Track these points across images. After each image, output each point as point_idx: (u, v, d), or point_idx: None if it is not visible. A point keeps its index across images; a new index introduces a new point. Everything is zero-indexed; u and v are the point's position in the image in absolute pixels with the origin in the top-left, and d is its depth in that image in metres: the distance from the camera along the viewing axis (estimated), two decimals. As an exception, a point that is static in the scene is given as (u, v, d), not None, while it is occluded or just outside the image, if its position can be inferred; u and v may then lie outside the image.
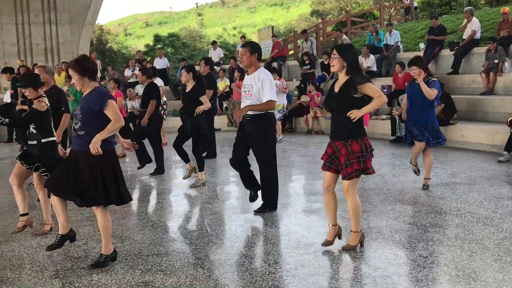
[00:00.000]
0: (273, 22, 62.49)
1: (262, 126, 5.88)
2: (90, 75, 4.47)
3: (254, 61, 5.94)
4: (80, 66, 4.43)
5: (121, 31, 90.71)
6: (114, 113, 4.38)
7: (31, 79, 5.63)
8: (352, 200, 4.61)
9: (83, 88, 4.49)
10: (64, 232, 4.71)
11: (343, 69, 4.60)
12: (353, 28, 22.80)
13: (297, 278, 4.07)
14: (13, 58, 20.62)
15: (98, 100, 4.38)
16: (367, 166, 4.59)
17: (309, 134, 13.75)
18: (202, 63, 10.06)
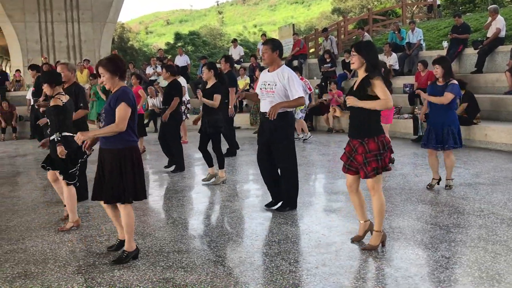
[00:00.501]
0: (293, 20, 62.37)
1: (280, 124, 5.85)
2: (121, 74, 4.53)
3: (275, 58, 5.92)
4: (112, 65, 4.48)
5: (142, 29, 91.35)
6: (119, 116, 4.37)
7: (49, 76, 5.71)
8: (378, 199, 4.60)
9: (112, 87, 4.53)
10: (122, 238, 4.77)
11: (362, 66, 4.58)
12: (374, 26, 22.64)
13: (317, 277, 4.05)
14: (36, 56, 20.88)
15: (116, 99, 4.43)
16: (385, 164, 4.58)
17: (330, 132, 13.69)
18: (222, 61, 10.09)
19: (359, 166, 4.60)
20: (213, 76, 7.73)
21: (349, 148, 4.70)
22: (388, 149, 4.61)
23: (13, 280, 4.24)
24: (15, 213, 6.46)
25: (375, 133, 4.56)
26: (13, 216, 6.32)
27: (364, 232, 4.84)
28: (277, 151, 5.98)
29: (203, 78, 8.08)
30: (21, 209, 6.68)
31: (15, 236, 5.47)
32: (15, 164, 10.91)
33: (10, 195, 7.60)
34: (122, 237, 4.74)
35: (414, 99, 12.91)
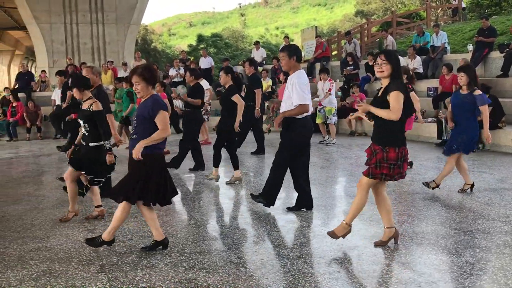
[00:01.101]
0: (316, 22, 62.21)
1: (285, 130, 5.98)
2: (154, 83, 4.68)
3: (293, 64, 5.92)
4: (148, 74, 4.57)
5: (165, 31, 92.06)
6: (162, 123, 4.54)
7: (77, 81, 5.80)
8: (361, 195, 4.73)
9: (145, 95, 4.62)
10: (159, 239, 4.86)
11: (389, 75, 4.58)
12: (398, 29, 22.48)
13: (340, 281, 4.03)
14: (61, 57, 21.19)
15: (151, 108, 4.54)
16: (395, 173, 4.60)
17: (352, 135, 13.61)
18: (247, 64, 10.16)
19: (368, 165, 4.65)
20: (230, 80, 7.80)
21: (369, 151, 4.72)
22: (404, 161, 4.60)
23: (38, 278, 4.30)
24: (40, 212, 6.56)
25: (399, 143, 4.57)
26: (38, 215, 6.42)
27: (389, 238, 4.81)
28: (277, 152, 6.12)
29: (221, 82, 8.16)
30: (46, 208, 6.77)
31: (40, 234, 5.55)
32: (39, 163, 11.08)
33: (35, 194, 7.72)
34: (157, 237, 4.85)
35: (438, 103, 12.77)
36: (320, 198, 6.76)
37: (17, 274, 4.39)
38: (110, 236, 4.80)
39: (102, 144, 5.74)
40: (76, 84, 5.72)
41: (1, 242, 5.31)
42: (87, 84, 5.85)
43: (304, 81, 5.89)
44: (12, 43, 42.49)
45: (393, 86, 4.48)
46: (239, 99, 7.67)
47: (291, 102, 5.85)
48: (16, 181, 8.91)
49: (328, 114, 12.17)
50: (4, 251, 5.01)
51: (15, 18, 30.92)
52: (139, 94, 4.61)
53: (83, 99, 5.72)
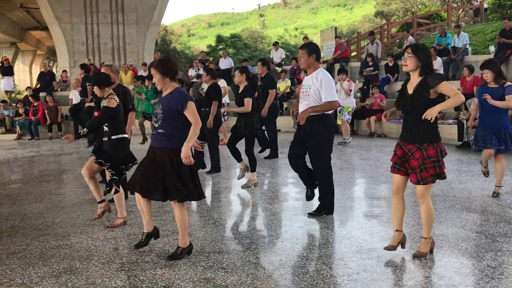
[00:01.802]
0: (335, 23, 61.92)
1: (318, 127, 5.83)
2: (172, 76, 4.64)
3: (312, 62, 5.89)
4: (163, 66, 4.59)
5: (185, 31, 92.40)
6: (193, 115, 4.53)
7: (99, 78, 5.84)
8: (426, 206, 4.49)
9: (164, 88, 4.64)
10: (149, 230, 4.86)
11: (417, 69, 4.46)
12: (418, 30, 22.30)
13: (359, 283, 4.01)
14: (82, 57, 21.39)
15: (179, 101, 4.52)
16: (442, 171, 4.47)
17: (371, 137, 13.53)
18: (259, 64, 10.04)
19: (412, 170, 4.47)
20: (244, 80, 7.77)
21: (402, 152, 4.55)
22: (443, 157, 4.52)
23: (59, 275, 4.35)
24: (61, 210, 6.64)
25: (436, 139, 4.46)
26: (59, 213, 6.50)
27: (398, 243, 4.67)
28: (312, 154, 5.97)
29: (235, 81, 8.13)
30: (67, 206, 6.86)
31: (61, 232, 5.62)
32: (60, 162, 11.21)
33: (56, 192, 7.82)
34: (148, 229, 4.83)
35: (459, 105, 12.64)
36: (339, 200, 6.73)
37: (39, 271, 4.45)
38: (185, 241, 4.72)
39: (125, 136, 5.76)
40: (97, 81, 5.77)
41: (23, 240, 5.39)
42: (108, 81, 5.90)
43: (331, 77, 5.91)
44: (34, 43, 43.04)
45: (435, 79, 4.34)
46: (249, 104, 7.61)
47: (316, 99, 5.79)
48: (37, 180, 9.03)
49: (344, 111, 12.18)
50: (26, 248, 5.08)
51: (37, 18, 31.33)
52: (158, 86, 4.65)
53: (104, 96, 5.77)
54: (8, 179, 9.36)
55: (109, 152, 5.71)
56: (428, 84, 4.36)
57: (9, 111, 17.91)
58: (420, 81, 4.43)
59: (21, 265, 4.62)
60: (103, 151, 5.77)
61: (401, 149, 4.57)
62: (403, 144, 4.56)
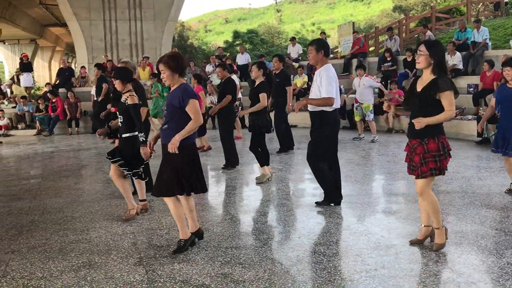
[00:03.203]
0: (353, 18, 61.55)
1: (316, 123, 5.94)
2: (181, 72, 4.64)
3: (321, 58, 5.90)
4: (173, 62, 4.58)
5: (202, 27, 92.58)
6: (194, 112, 4.53)
7: (121, 73, 5.90)
8: (428, 199, 4.53)
9: (172, 84, 4.65)
10: (192, 230, 4.90)
11: (429, 66, 4.42)
12: (437, 25, 22.05)
13: (376, 279, 3.99)
14: (100, 53, 21.53)
15: (181, 97, 4.53)
16: (443, 166, 4.45)
17: (389, 133, 13.43)
18: (275, 59, 9.99)
19: (416, 166, 4.50)
20: (261, 76, 7.73)
21: (408, 149, 4.62)
22: (447, 153, 4.47)
23: (78, 269, 4.40)
24: (80, 205, 6.71)
25: (436, 133, 4.42)
26: (78, 207, 6.57)
27: (425, 237, 4.73)
28: (309, 148, 6.10)
29: (252, 76, 8.07)
30: (86, 201, 6.93)
31: (80, 227, 5.68)
32: (79, 157, 11.32)
33: (75, 187, 7.90)
34: (192, 229, 4.89)
35: (478, 100, 12.49)
36: (356, 196, 6.71)
37: (58, 265, 4.50)
38: (185, 234, 4.76)
39: (136, 135, 5.77)
40: (119, 76, 5.83)
41: (43, 234, 5.46)
42: (130, 77, 5.95)
43: (332, 74, 5.86)
44: (52, 40, 43.52)
45: (444, 85, 4.30)
46: (264, 100, 7.58)
47: (317, 94, 5.86)
48: (57, 175, 9.14)
49: (365, 111, 12.02)
50: (46, 243, 5.15)
51: (56, 15, 31.68)
52: (166, 82, 4.64)
53: (123, 91, 5.82)
54: (28, 174, 9.48)
55: (120, 148, 5.79)
56: (438, 86, 4.34)
57: (29, 107, 18.13)
58: (431, 80, 4.39)
59: (41, 259, 4.68)
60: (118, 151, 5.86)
61: (408, 146, 4.62)
62: (409, 141, 4.60)
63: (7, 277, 4.28)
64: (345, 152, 10.37)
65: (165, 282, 4.05)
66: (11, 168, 10.22)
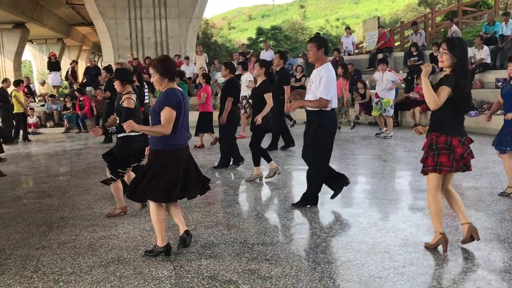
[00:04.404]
0: (378, 13, 60.94)
1: (315, 123, 5.84)
2: (171, 76, 4.48)
3: (320, 56, 5.83)
4: (162, 66, 4.44)
5: (225, 24, 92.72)
6: (164, 119, 4.33)
7: (120, 73, 5.92)
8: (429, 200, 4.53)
9: (161, 88, 4.51)
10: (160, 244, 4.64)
11: (452, 66, 4.35)
12: (464, 18, 21.67)
13: (405, 277, 3.96)
14: (126, 52, 21.75)
15: (160, 102, 4.40)
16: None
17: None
18: (277, 56, 9.76)
19: None
20: (263, 74, 7.54)
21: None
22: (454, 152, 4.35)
23: (107, 264, 4.47)
24: (108, 201, 6.80)
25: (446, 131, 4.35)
26: (106, 204, 6.66)
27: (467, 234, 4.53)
28: (306, 149, 6.04)
29: (253, 74, 7.90)
30: (114, 197, 7.00)
31: (109, 223, 5.76)
32: (107, 154, 11.45)
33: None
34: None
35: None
36: (383, 192, 6.66)
37: (88, 261, 4.58)
38: (161, 241, 4.59)
39: (131, 135, 5.75)
40: (119, 76, 5.85)
41: (72, 230, 5.56)
42: (130, 78, 5.95)
43: (333, 76, 5.79)
44: (79, 39, 44.10)
45: (445, 81, 4.29)
46: (271, 99, 7.43)
47: (314, 94, 5.78)
48: (85, 172, 9.28)
49: (385, 106, 11.90)
50: (76, 239, 5.24)
51: (82, 14, 32.07)
52: (155, 86, 4.51)
53: (123, 92, 5.83)
54: (57, 171, 9.64)
55: (114, 149, 5.83)
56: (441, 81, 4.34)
57: (57, 105, 18.43)
58: (444, 75, 4.38)
59: (71, 254, 4.76)
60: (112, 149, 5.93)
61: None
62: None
63: (38, 272, 4.37)
64: (371, 148, 10.30)
65: (192, 278, 4.09)
66: (40, 166, 10.41)
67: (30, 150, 13.13)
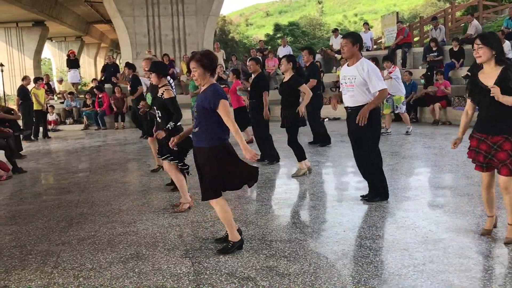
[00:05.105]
0: (396, 8, 60.38)
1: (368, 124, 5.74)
2: (213, 71, 4.45)
3: (355, 52, 5.81)
4: (206, 60, 4.40)
5: (243, 21, 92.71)
6: (225, 113, 4.32)
7: (157, 66, 6.00)
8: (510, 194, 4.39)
9: (202, 83, 4.46)
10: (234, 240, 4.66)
11: (491, 58, 4.31)
12: (485, 13, 21.37)
13: (425, 274, 3.91)
14: (144, 49, 21.87)
15: (211, 98, 4.34)
16: None
17: (436, 125, 13.13)
18: (306, 52, 9.72)
19: (502, 163, 4.33)
20: (291, 69, 7.52)
21: (487, 147, 4.40)
22: None
23: (126, 260, 4.49)
24: (127, 198, 6.84)
25: None
26: (125, 200, 6.70)
27: (492, 226, 4.69)
28: (359, 143, 5.97)
29: (281, 70, 7.88)
30: (133, 194, 7.06)
31: (128, 219, 5.79)
32: (125, 151, 11.54)
33: (122, 181, 8.06)
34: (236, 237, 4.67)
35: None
36: (402, 189, 6.59)
37: (107, 257, 4.61)
38: (234, 236, 4.60)
39: (177, 126, 5.83)
40: (156, 69, 5.91)
41: (91, 226, 5.60)
42: (166, 71, 6.03)
43: (376, 66, 5.84)
44: (98, 36, 44.49)
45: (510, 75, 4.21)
46: (308, 90, 7.48)
47: (362, 89, 5.74)
48: (104, 168, 9.35)
49: (397, 103, 11.77)
50: (95, 235, 5.28)
51: (101, 12, 32.34)
52: (196, 81, 4.45)
53: (159, 84, 5.89)
54: (77, 168, 9.73)
55: (166, 142, 5.84)
56: (507, 73, 4.22)
57: (76, 102, 18.60)
58: (501, 72, 4.27)
59: (91, 250, 4.80)
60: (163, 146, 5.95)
61: (485, 144, 4.42)
62: (485, 137, 4.40)
63: (58, 268, 4.41)
64: (390, 145, 10.21)
65: (211, 275, 4.09)
66: (60, 162, 10.52)
67: (50, 147, 13.28)
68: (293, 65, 7.54)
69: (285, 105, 7.62)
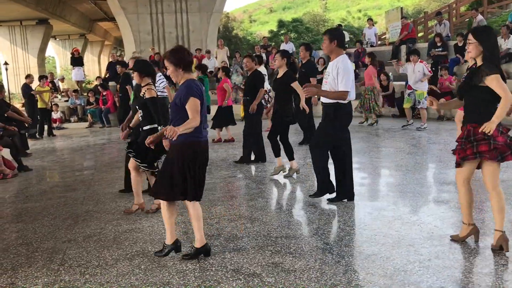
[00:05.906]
0: (400, 3, 60.14)
1: (329, 114, 5.78)
2: (185, 66, 4.32)
3: (334, 48, 5.75)
4: (174, 57, 4.31)
5: (246, 17, 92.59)
6: (191, 110, 4.16)
7: (139, 65, 5.89)
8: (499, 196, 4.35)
9: (178, 80, 4.38)
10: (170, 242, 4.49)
11: (480, 55, 4.20)
12: (490, 8, 21.26)
13: (431, 270, 3.91)
14: (148, 46, 21.88)
15: (183, 95, 4.24)
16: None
17: (440, 120, 13.10)
18: (302, 48, 9.62)
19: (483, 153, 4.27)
20: (285, 65, 7.41)
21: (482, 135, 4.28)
22: None
23: (132, 257, 4.50)
24: (132, 195, 6.79)
25: None
26: (130, 198, 6.69)
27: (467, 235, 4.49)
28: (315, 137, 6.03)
29: (275, 65, 7.80)
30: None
31: (133, 216, 5.81)
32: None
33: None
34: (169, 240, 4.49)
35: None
36: (407, 185, 6.59)
37: (113, 254, 4.62)
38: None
39: (155, 127, 5.74)
40: (138, 68, 5.83)
41: (97, 223, 5.62)
42: (149, 70, 5.91)
43: (349, 67, 5.74)
44: (101, 34, 44.48)
45: (486, 71, 4.07)
46: (299, 87, 7.28)
47: (332, 86, 5.70)
48: (109, 166, 9.37)
49: (419, 98, 11.71)
50: (101, 232, 5.29)
51: (104, 10, 32.34)
52: (172, 78, 4.40)
53: (142, 83, 5.82)
54: (82, 165, 9.76)
55: (141, 141, 5.75)
56: (480, 74, 4.11)
57: (81, 100, 18.64)
58: (478, 67, 4.18)
59: (97, 247, 4.82)
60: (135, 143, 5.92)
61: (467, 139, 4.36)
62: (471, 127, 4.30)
63: (64, 265, 4.43)
64: (395, 141, 10.19)
65: (216, 271, 4.10)
66: (65, 160, 10.55)
67: (55, 145, 13.31)
68: (287, 60, 7.47)
69: (278, 101, 7.53)
